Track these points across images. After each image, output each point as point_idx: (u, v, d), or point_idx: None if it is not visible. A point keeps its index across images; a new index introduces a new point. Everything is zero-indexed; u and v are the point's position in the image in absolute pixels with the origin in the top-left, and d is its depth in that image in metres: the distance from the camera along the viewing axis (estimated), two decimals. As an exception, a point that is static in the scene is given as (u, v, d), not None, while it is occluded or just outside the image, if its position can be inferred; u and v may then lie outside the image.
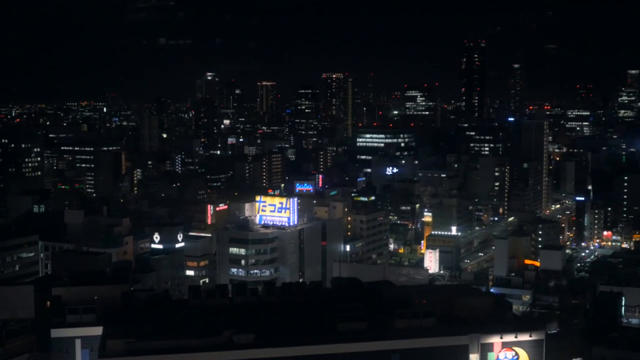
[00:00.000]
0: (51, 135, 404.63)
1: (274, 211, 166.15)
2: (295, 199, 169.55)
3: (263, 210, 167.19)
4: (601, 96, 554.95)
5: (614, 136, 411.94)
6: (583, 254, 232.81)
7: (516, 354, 68.50)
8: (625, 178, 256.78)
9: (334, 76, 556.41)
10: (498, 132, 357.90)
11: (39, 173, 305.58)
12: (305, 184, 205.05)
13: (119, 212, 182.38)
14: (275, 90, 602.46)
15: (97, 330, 67.89)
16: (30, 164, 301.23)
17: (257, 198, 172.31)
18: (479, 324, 68.86)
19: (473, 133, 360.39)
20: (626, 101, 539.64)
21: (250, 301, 76.03)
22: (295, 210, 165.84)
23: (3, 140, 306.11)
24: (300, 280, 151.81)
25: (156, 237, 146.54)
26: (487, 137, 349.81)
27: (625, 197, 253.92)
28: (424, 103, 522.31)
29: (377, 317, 69.39)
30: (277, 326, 68.94)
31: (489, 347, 68.13)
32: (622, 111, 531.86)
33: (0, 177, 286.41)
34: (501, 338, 67.98)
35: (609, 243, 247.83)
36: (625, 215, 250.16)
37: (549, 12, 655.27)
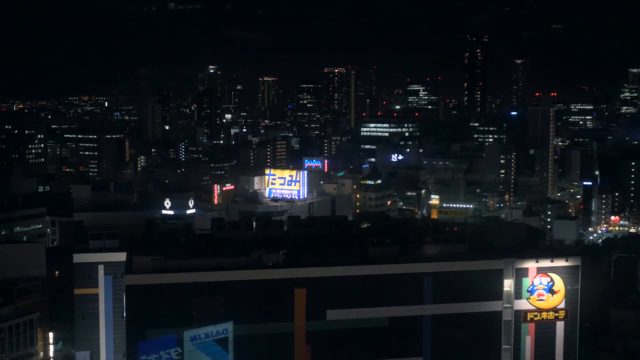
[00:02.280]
0: (54, 126, 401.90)
1: (283, 184, 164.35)
2: (305, 172, 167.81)
3: (272, 184, 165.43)
4: (603, 92, 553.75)
5: (618, 130, 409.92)
6: (591, 238, 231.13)
7: (551, 280, 66.31)
8: (633, 164, 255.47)
9: (336, 71, 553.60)
10: (502, 123, 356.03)
11: (42, 160, 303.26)
12: (314, 160, 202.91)
13: (126, 189, 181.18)
14: (276, 85, 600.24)
15: (121, 256, 65.85)
16: (33, 151, 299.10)
17: (267, 171, 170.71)
18: (513, 249, 66.99)
19: (477, 124, 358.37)
20: (628, 97, 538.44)
21: (275, 233, 74.36)
22: (305, 183, 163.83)
23: (6, 127, 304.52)
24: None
25: (167, 203, 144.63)
26: (491, 129, 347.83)
27: (632, 182, 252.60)
28: (426, 97, 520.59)
29: (409, 243, 67.69)
30: (307, 251, 67.25)
31: (523, 273, 66.07)
32: (625, 107, 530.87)
33: (3, 162, 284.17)
34: (537, 262, 65.96)
35: (617, 228, 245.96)
36: (632, 200, 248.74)
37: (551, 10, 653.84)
